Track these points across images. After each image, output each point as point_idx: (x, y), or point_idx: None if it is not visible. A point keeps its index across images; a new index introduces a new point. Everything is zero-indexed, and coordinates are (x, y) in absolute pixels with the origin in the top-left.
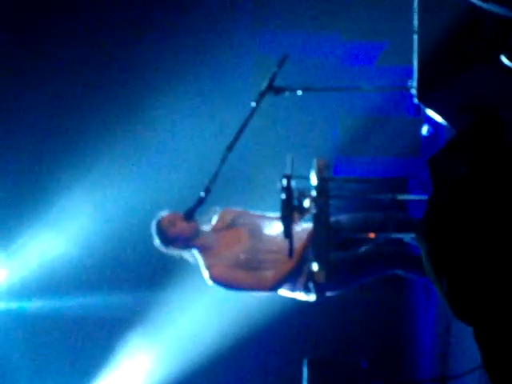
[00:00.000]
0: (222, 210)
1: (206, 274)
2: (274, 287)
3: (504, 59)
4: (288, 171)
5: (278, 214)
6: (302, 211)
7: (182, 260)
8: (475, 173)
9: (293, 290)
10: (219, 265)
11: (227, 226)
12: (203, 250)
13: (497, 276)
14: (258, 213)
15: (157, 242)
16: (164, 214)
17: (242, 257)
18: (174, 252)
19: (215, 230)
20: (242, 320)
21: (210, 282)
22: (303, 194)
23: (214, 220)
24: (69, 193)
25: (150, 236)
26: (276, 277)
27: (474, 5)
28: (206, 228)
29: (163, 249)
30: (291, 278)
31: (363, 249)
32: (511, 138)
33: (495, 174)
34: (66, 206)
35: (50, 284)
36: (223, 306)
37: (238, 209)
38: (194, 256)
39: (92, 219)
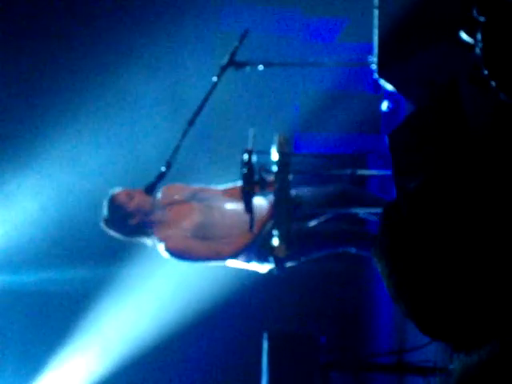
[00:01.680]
0: (167, 185)
1: (161, 246)
2: (230, 258)
3: (463, 35)
4: (249, 146)
5: (224, 186)
6: (263, 186)
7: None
8: (427, 186)
9: (248, 260)
10: (174, 236)
11: (178, 201)
12: (157, 225)
13: (456, 289)
14: (202, 186)
15: (106, 222)
16: (116, 190)
17: (197, 227)
18: (124, 237)
19: (165, 204)
20: (202, 294)
21: (165, 255)
22: (264, 169)
23: (159, 196)
24: (26, 168)
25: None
26: (233, 248)
27: None
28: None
29: (113, 231)
30: (247, 249)
31: (320, 224)
32: (470, 112)
33: (447, 187)
34: (23, 180)
35: (8, 259)
36: (182, 280)
37: (180, 184)
38: (150, 237)
39: (51, 194)
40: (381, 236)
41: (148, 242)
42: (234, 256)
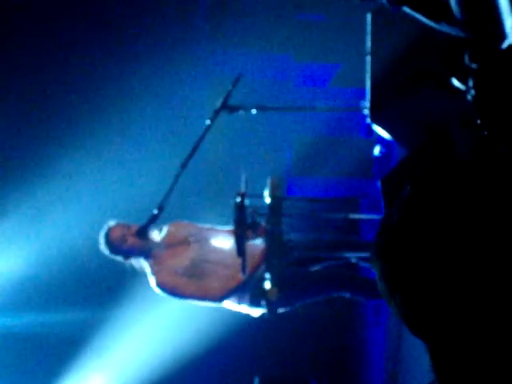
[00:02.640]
0: (172, 223)
1: (152, 280)
2: (219, 300)
3: (455, 81)
4: (242, 189)
5: (228, 227)
6: (256, 229)
7: (134, 277)
8: (422, 189)
9: (239, 302)
10: (164, 271)
11: (179, 242)
12: (151, 259)
13: (449, 291)
14: (208, 226)
15: (105, 251)
16: (112, 224)
17: (188, 264)
18: (121, 260)
19: (166, 243)
20: (193, 337)
21: (156, 290)
22: (256, 212)
23: (164, 232)
24: (19, 209)
25: (103, 253)
26: (223, 290)
27: (425, 26)
28: (155, 238)
29: (111, 256)
30: (238, 292)
31: (314, 268)
32: (462, 156)
33: (443, 188)
34: (18, 222)
35: (1, 301)
36: (174, 323)
37: (187, 222)
38: (141, 264)
39: (45, 236)
40: (376, 239)
41: (142, 267)
42: (222, 297)
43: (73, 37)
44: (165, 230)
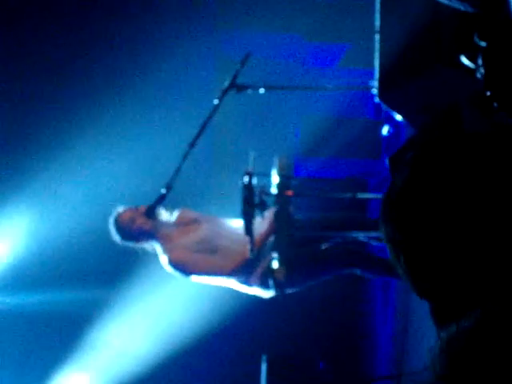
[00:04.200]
0: (181, 210)
1: (164, 259)
2: (229, 274)
3: (464, 59)
4: (250, 169)
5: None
6: (263, 208)
7: (142, 256)
8: (424, 153)
9: (249, 284)
10: (176, 249)
11: (189, 222)
12: (162, 239)
13: (454, 252)
14: (213, 217)
15: (116, 237)
16: (121, 209)
17: (200, 241)
18: (134, 245)
19: (176, 223)
20: (202, 317)
21: (168, 268)
22: (264, 192)
23: (174, 216)
24: (29, 187)
25: (110, 232)
26: (233, 264)
27: (435, 3)
28: (165, 218)
29: (123, 243)
30: (247, 269)
31: (322, 247)
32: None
33: (444, 151)
34: (23, 202)
35: (10, 280)
36: (182, 303)
37: (196, 212)
38: (152, 246)
39: (51, 215)
40: (383, 203)
41: (150, 248)
42: (232, 271)
43: (82, 17)
44: (175, 213)
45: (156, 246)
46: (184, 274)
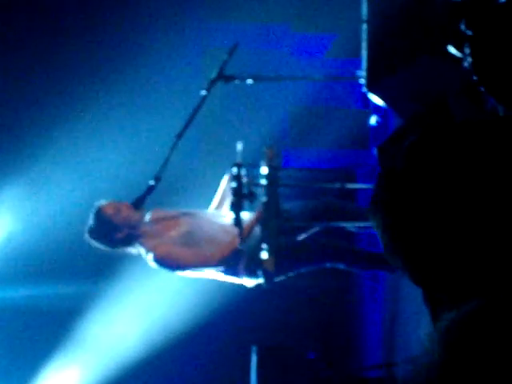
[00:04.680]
0: (153, 210)
1: (149, 256)
2: (216, 264)
3: (451, 48)
4: (238, 159)
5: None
6: (252, 199)
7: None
8: (427, 138)
9: (236, 274)
10: (161, 245)
11: (166, 218)
12: (145, 237)
13: (452, 241)
14: (192, 210)
15: (91, 234)
16: (103, 202)
17: (184, 235)
18: (109, 248)
19: (153, 220)
20: (190, 308)
21: (154, 265)
22: (253, 183)
23: (148, 217)
24: (21, 177)
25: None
26: (220, 252)
27: None
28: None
29: (97, 243)
30: (234, 259)
31: (307, 237)
32: (459, 121)
33: (447, 139)
34: (8, 195)
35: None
36: (170, 295)
37: (168, 209)
38: (136, 248)
39: (37, 209)
40: (377, 191)
41: (134, 251)
42: (221, 261)
43: (77, 9)
44: (147, 215)
45: (138, 245)
46: (171, 269)
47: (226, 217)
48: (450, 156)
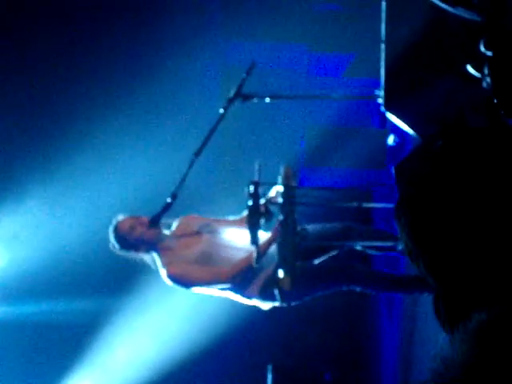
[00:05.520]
0: (182, 217)
1: (163, 272)
2: (229, 281)
3: (470, 68)
4: (255, 178)
5: (238, 217)
6: (269, 218)
7: (145, 266)
8: (454, 143)
9: (249, 297)
10: (176, 262)
11: (191, 234)
12: (162, 251)
13: (483, 242)
14: (218, 218)
15: (115, 245)
16: (121, 218)
17: (200, 255)
18: (133, 255)
19: (177, 235)
20: (207, 326)
21: (167, 281)
22: (270, 201)
23: (175, 225)
24: (37, 196)
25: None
26: (233, 268)
27: (441, 12)
28: (166, 232)
29: (122, 252)
30: (247, 277)
31: (325, 259)
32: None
33: (477, 142)
34: (27, 211)
35: (10, 290)
36: (188, 312)
37: (197, 215)
38: (153, 259)
39: (54, 225)
40: (404, 192)
41: (153, 260)
42: (235, 278)
43: (95, 25)
44: (175, 223)
45: (156, 258)
46: (184, 287)
47: (245, 234)
48: (480, 159)
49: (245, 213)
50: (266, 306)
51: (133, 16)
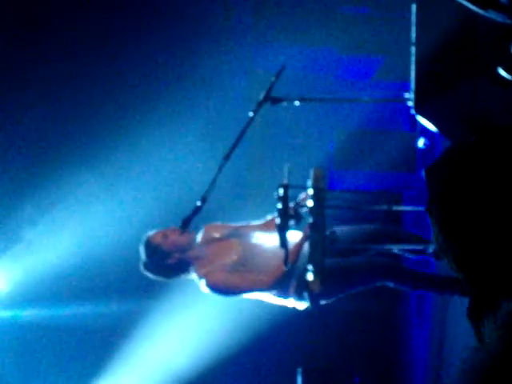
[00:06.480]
0: (208, 224)
1: (202, 283)
2: (269, 288)
3: (501, 71)
4: (284, 181)
5: (262, 221)
6: (298, 221)
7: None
8: (486, 141)
9: (285, 296)
10: (213, 272)
11: (217, 239)
12: (196, 261)
13: (507, 238)
14: (243, 223)
15: (146, 266)
16: (150, 233)
17: (236, 262)
18: (166, 278)
19: (203, 243)
20: (236, 329)
21: (206, 291)
22: (299, 204)
23: (199, 236)
24: (66, 200)
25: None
26: (270, 277)
27: (471, 15)
28: (198, 236)
29: (153, 274)
30: (284, 282)
31: (356, 258)
32: None
33: (505, 142)
34: (55, 217)
35: (41, 293)
36: (216, 315)
37: (220, 223)
38: (188, 269)
39: (83, 228)
40: (435, 191)
41: (189, 277)
42: (272, 285)
43: (118, 31)
44: (200, 232)
45: (191, 269)
46: (224, 295)
47: (273, 238)
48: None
49: (268, 217)
50: (301, 305)
51: (166, 19)
